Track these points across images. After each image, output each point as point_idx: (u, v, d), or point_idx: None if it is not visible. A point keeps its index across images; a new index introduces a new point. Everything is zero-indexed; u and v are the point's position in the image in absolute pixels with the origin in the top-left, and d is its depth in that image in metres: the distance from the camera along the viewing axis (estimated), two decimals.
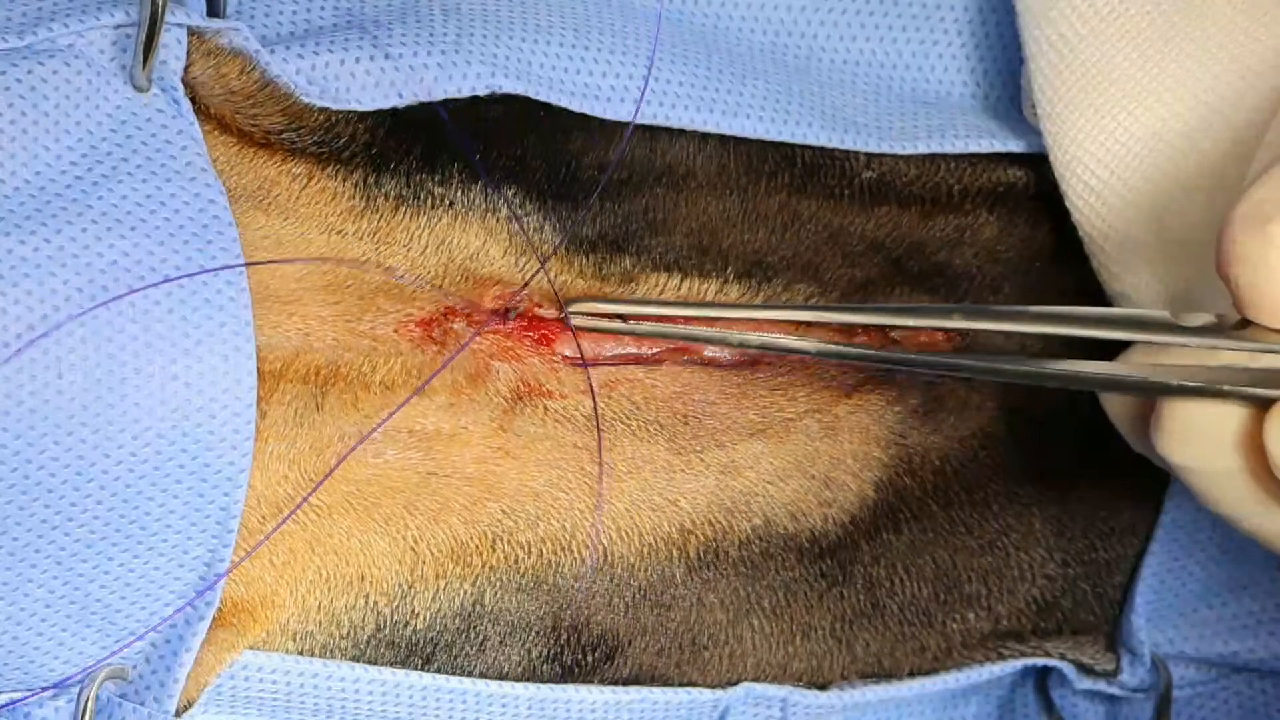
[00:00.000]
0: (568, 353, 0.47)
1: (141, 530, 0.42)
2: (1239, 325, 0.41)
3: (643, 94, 0.46)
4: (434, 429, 0.45)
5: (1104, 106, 0.47)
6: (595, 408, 0.47)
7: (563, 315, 0.46)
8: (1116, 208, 0.47)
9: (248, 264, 0.42)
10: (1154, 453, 0.43)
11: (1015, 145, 0.49)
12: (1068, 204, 0.48)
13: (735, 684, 0.50)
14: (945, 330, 0.49)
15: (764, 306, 0.47)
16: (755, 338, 0.45)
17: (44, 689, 0.43)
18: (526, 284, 0.46)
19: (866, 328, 0.48)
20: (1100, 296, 0.50)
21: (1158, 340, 0.42)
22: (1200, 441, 0.42)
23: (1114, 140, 0.47)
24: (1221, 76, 0.47)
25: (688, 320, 0.46)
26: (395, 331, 0.45)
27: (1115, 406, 0.46)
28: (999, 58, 0.51)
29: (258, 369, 0.42)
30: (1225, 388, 0.40)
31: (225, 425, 0.41)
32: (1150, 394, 0.42)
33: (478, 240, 0.46)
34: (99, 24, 0.42)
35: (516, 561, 0.47)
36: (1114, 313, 0.42)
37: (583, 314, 0.46)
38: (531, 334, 0.46)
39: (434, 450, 0.46)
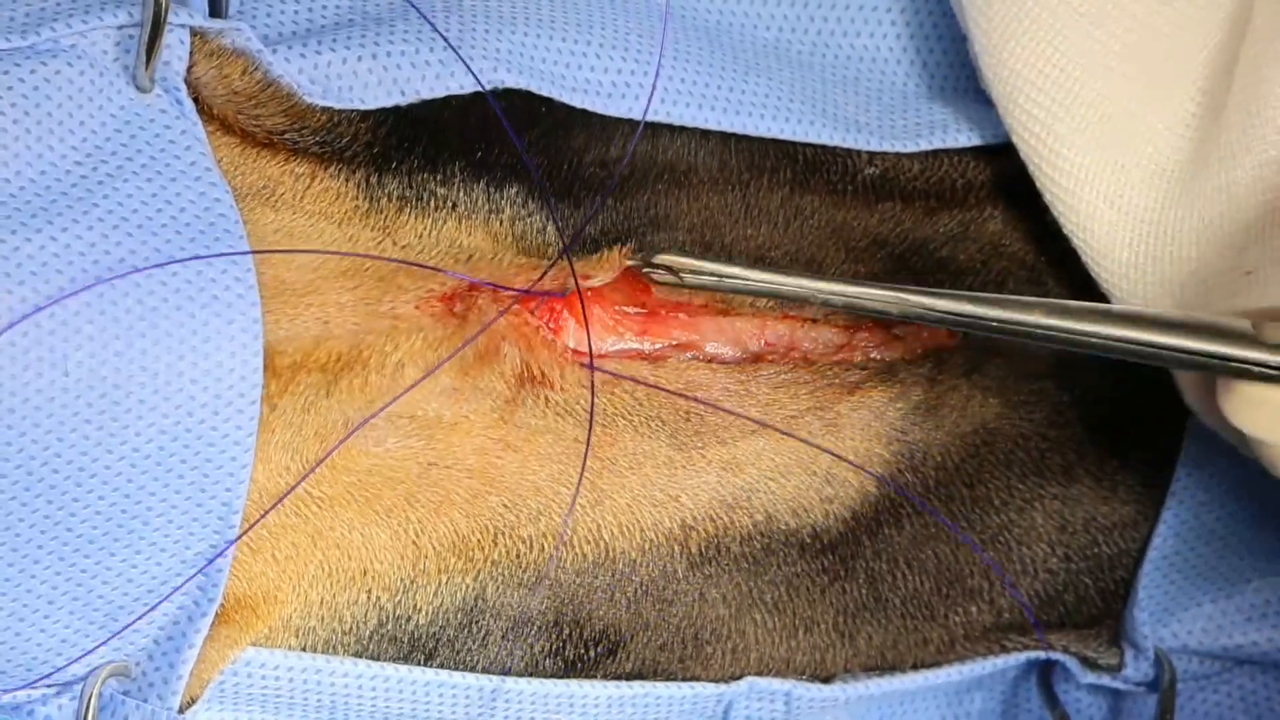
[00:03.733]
0: (574, 345, 0.47)
1: (144, 525, 0.42)
2: None
3: (651, 93, 0.46)
4: (435, 416, 0.45)
5: (1037, 32, 0.45)
6: (592, 399, 0.47)
7: (578, 286, 0.46)
8: (1063, 135, 0.46)
9: (253, 252, 0.42)
10: (1221, 422, 0.43)
11: None
12: (1014, 139, 0.46)
13: (738, 678, 0.50)
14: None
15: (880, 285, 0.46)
16: (839, 299, 0.44)
17: (47, 686, 0.43)
18: (557, 257, 0.46)
19: (877, 319, 0.48)
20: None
21: (1236, 359, 0.41)
22: (1271, 415, 0.41)
23: (1052, 63, 0.45)
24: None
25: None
26: (416, 308, 0.45)
27: (1183, 375, 0.46)
28: None
29: (273, 364, 0.42)
30: None
31: (229, 422, 0.42)
32: (1214, 373, 0.42)
33: (485, 244, 0.46)
34: (102, 24, 0.42)
35: (518, 556, 0.47)
36: (1194, 318, 0.42)
37: (660, 267, 0.45)
38: (547, 314, 0.46)
39: (435, 439, 0.46)
